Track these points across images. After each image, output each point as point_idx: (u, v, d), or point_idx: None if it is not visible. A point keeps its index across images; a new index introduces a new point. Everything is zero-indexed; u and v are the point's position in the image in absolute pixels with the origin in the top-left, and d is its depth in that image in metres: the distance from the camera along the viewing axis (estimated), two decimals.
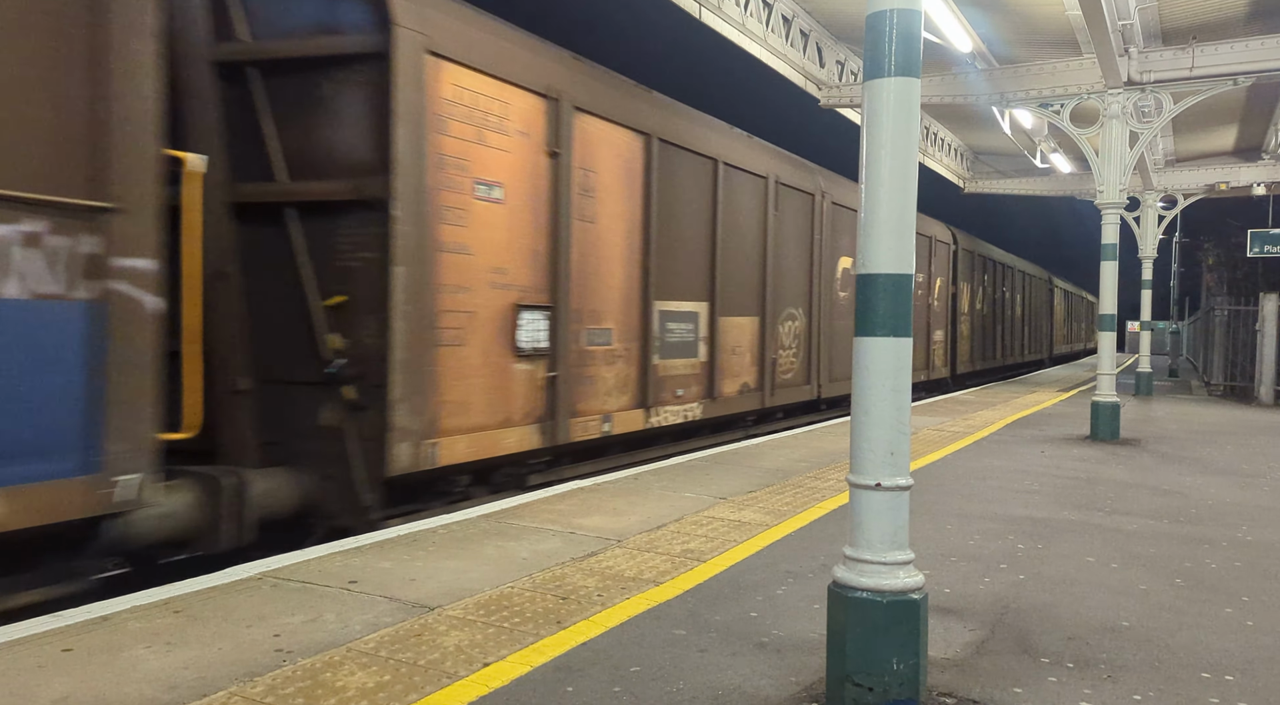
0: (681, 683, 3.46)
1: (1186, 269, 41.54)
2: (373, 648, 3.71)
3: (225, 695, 3.22)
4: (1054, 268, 40.88)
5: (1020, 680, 3.56)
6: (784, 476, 8.02)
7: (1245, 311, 20.61)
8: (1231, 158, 21.65)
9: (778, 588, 4.69)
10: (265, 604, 4.23)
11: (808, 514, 6.46)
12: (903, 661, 3.13)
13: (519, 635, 3.89)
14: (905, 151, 3.19)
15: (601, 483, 7.48)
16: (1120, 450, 10.65)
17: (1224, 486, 8.24)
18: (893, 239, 3.18)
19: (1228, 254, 33.79)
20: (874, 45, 3.20)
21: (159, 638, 3.77)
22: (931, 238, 19.29)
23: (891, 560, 3.17)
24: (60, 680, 3.33)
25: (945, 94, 14.01)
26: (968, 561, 5.33)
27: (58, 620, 3.94)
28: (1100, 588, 4.86)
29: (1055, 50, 13.36)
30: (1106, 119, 11.97)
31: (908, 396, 3.23)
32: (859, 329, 3.26)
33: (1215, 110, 16.61)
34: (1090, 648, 3.94)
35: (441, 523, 5.93)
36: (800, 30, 13.77)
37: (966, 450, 10.14)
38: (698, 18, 11.45)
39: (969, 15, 12.32)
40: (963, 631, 4.11)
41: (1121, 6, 11.06)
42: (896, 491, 3.19)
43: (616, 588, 4.60)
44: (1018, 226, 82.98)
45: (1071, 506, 7.07)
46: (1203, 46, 11.70)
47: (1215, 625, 4.30)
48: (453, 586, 4.56)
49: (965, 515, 6.62)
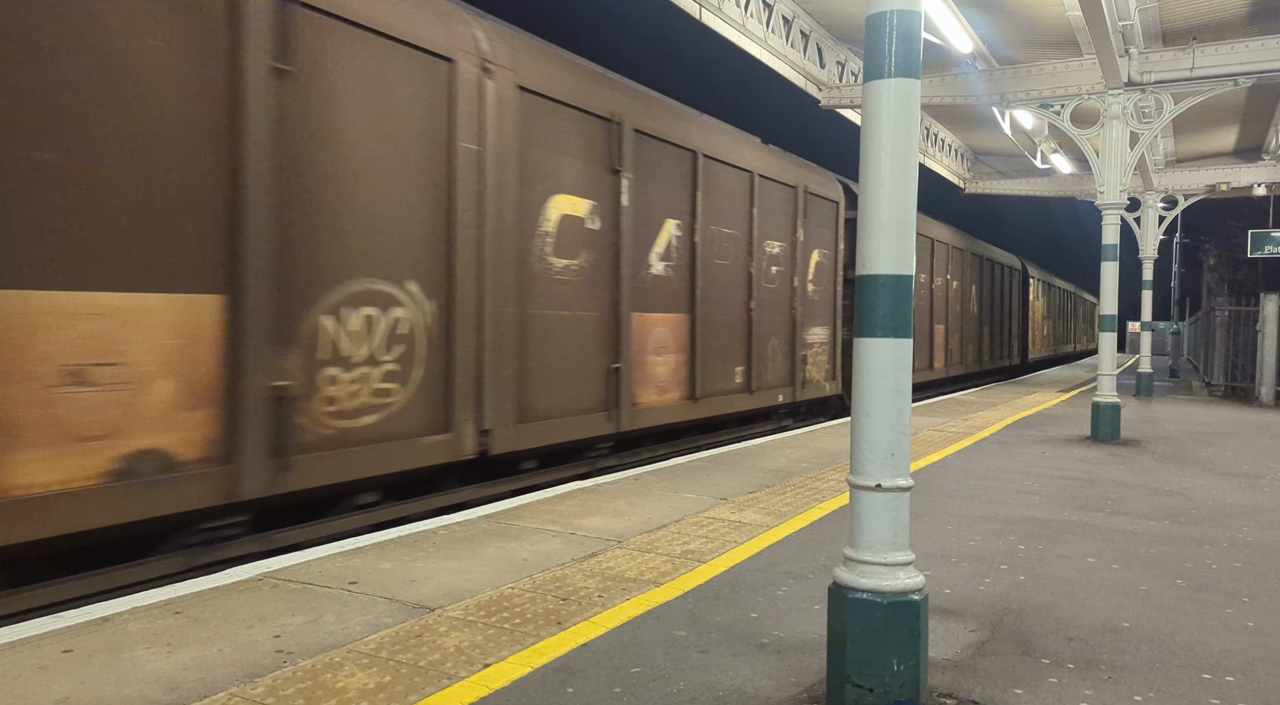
0: (682, 683, 3.46)
1: (1187, 269, 41.58)
2: (373, 649, 3.71)
3: (226, 696, 3.22)
4: (1056, 269, 40.80)
5: (1021, 681, 3.56)
6: (784, 477, 8.02)
7: (1246, 312, 20.60)
8: (1232, 158, 21.65)
9: (778, 589, 4.69)
10: (266, 605, 4.23)
11: (808, 515, 6.46)
12: (903, 662, 3.13)
13: (519, 636, 3.89)
14: (905, 152, 3.19)
15: (602, 483, 7.48)
16: (1121, 451, 10.65)
17: (1225, 487, 8.24)
18: (893, 240, 3.18)
19: (1228, 254, 33.83)
20: (874, 46, 3.20)
21: (160, 639, 3.77)
22: (799, 188, 13.09)
23: (892, 561, 3.17)
24: (61, 681, 3.33)
25: (945, 95, 14.01)
26: (968, 562, 5.33)
27: (58, 621, 3.94)
28: (1101, 589, 4.86)
29: (1056, 51, 13.36)
30: (1107, 120, 11.96)
31: (908, 397, 3.23)
32: (858, 330, 3.26)
33: (1216, 111, 16.61)
34: (1091, 648, 3.94)
35: (442, 523, 5.93)
36: (801, 31, 13.77)
37: (967, 451, 10.14)
38: (698, 18, 11.45)
39: (969, 16, 12.32)
40: (963, 632, 4.11)
41: (1122, 7, 11.06)
42: (897, 492, 3.19)
43: (617, 588, 4.60)
44: (1019, 227, 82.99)
45: (1072, 507, 7.06)
46: (1203, 47, 11.70)
47: (1216, 626, 4.30)
48: (453, 587, 4.56)
49: (966, 516, 6.62)
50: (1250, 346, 19.89)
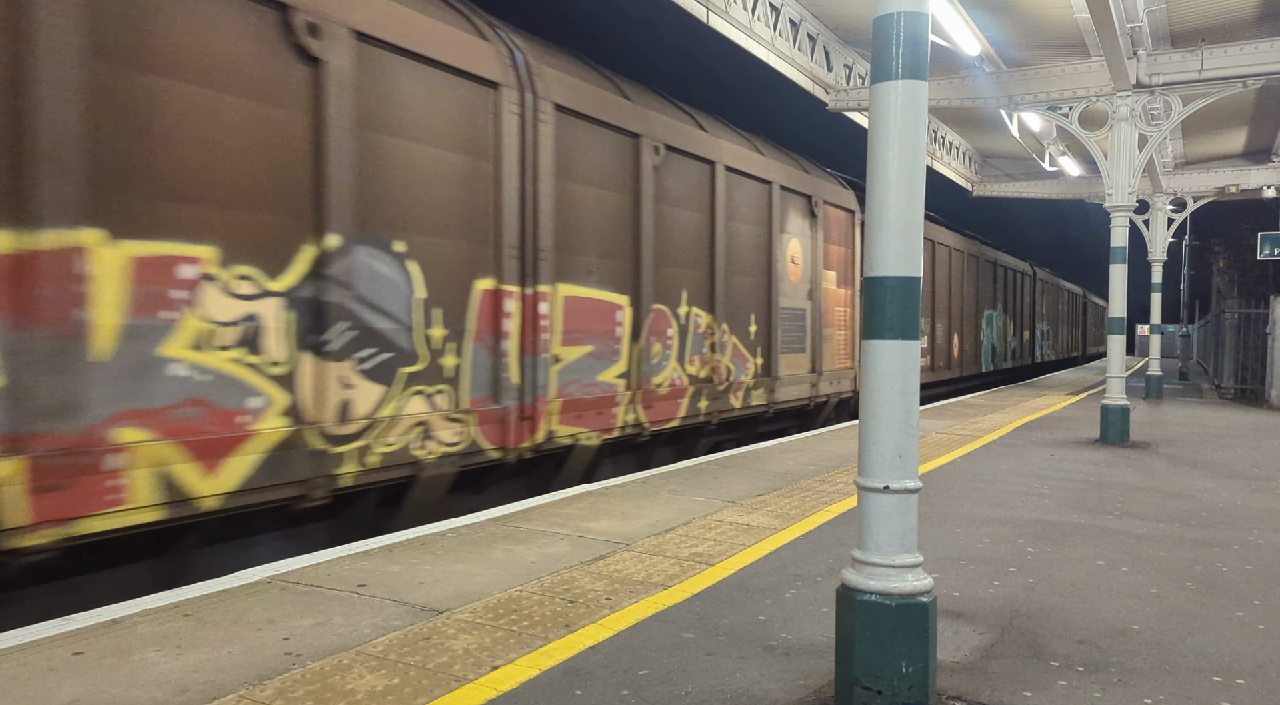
0: (690, 686, 3.45)
1: (1196, 272, 41.38)
2: (381, 651, 3.71)
3: (235, 698, 3.24)
4: (1059, 270, 40.64)
5: (1030, 684, 3.55)
6: (792, 480, 8.01)
7: (1256, 314, 20.50)
8: (1241, 160, 21.58)
9: (786, 591, 4.68)
10: (275, 607, 4.24)
11: (816, 517, 6.45)
12: (912, 665, 3.12)
13: (527, 639, 3.89)
14: (912, 155, 3.19)
15: (609, 486, 7.49)
16: (1130, 454, 10.61)
17: (1235, 490, 8.20)
18: (900, 242, 3.18)
19: (1238, 257, 33.66)
20: (881, 48, 3.20)
21: (169, 641, 3.78)
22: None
23: (900, 563, 3.16)
24: (71, 683, 3.35)
25: (953, 97, 14.00)
26: (977, 565, 5.32)
27: (68, 623, 3.96)
28: (1110, 591, 4.84)
29: (1063, 53, 13.34)
30: (1115, 122, 11.93)
31: (916, 399, 3.23)
32: (866, 332, 3.26)
33: (1225, 112, 16.56)
34: (1101, 651, 3.93)
35: (449, 526, 5.94)
36: (808, 34, 13.78)
37: (976, 453, 10.11)
38: (705, 22, 11.47)
39: (976, 18, 12.31)
40: (972, 635, 4.10)
41: (1130, 9, 11.04)
42: (905, 494, 3.19)
43: (625, 591, 4.60)
44: (1028, 229, 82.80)
45: (1081, 510, 7.04)
46: (1212, 49, 11.67)
47: (1226, 629, 4.28)
48: (461, 590, 4.57)
49: (974, 519, 6.60)
50: (1260, 349, 19.80)
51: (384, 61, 6.15)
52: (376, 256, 6.08)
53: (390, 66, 6.22)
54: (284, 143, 5.46)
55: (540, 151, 7.51)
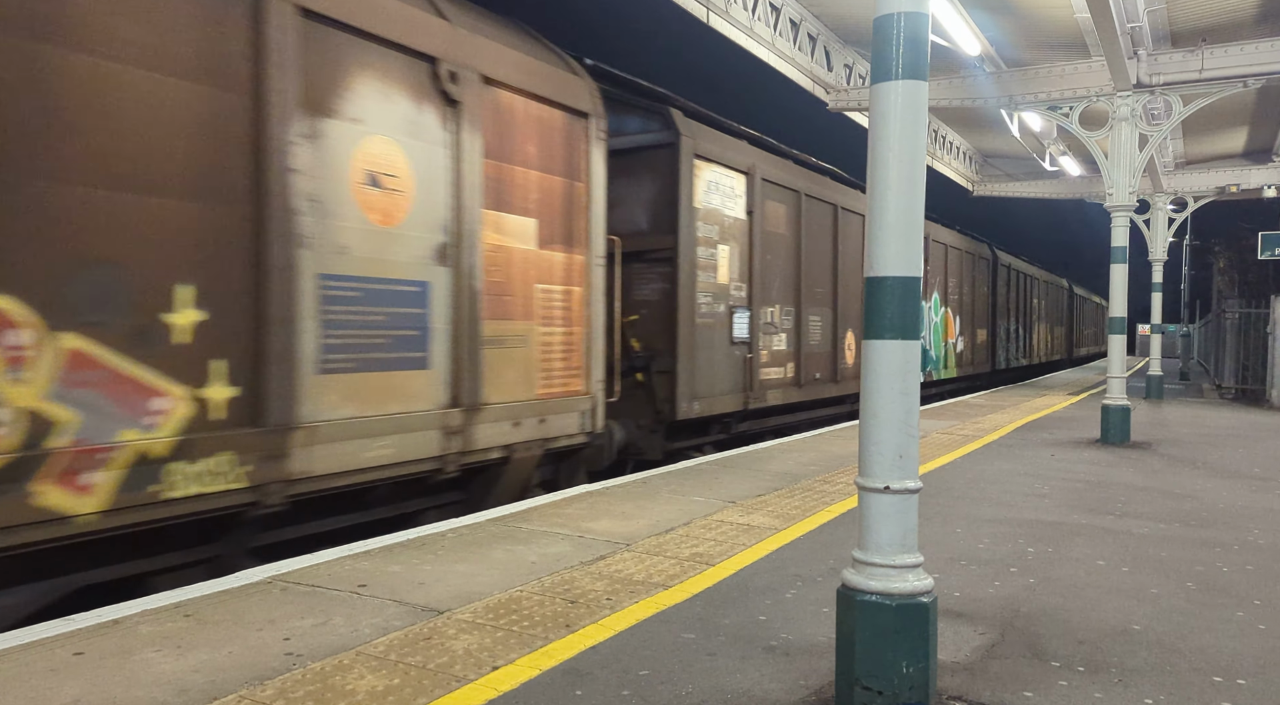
0: (690, 686, 3.45)
1: (1197, 272, 41.37)
2: (382, 651, 3.71)
3: (235, 699, 3.24)
4: (1060, 271, 40.61)
5: (1031, 684, 3.55)
6: (793, 480, 8.01)
7: (1256, 314, 20.49)
8: (1242, 160, 21.58)
9: (787, 591, 4.68)
10: (275, 607, 4.24)
11: (817, 518, 6.45)
12: (912, 665, 3.12)
13: (528, 639, 3.89)
14: (913, 155, 3.19)
15: (610, 486, 7.49)
16: (1131, 454, 10.61)
17: (1236, 490, 8.20)
18: (900, 242, 3.18)
19: (1238, 257, 33.61)
20: (881, 48, 3.20)
21: (170, 641, 3.78)
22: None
23: (901, 563, 3.16)
24: (72, 684, 3.35)
25: (953, 97, 14.00)
26: (978, 565, 5.31)
27: (69, 624, 3.96)
28: (1111, 591, 4.84)
29: (1064, 53, 13.34)
30: (1115, 122, 11.93)
31: (916, 399, 3.22)
32: (867, 332, 3.26)
33: (1225, 112, 16.57)
34: (1101, 651, 3.92)
35: (450, 526, 5.94)
36: (808, 34, 13.78)
37: (976, 454, 10.11)
38: (705, 22, 11.47)
39: (977, 18, 12.32)
40: (973, 635, 4.10)
41: (1130, 9, 11.04)
42: (905, 494, 3.19)
43: (625, 591, 4.60)
44: (1028, 228, 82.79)
45: (1082, 510, 7.04)
46: (1212, 49, 11.67)
47: (1227, 629, 4.28)
48: (461, 590, 4.57)
49: (975, 519, 6.60)
50: (1261, 349, 19.79)
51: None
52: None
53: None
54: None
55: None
